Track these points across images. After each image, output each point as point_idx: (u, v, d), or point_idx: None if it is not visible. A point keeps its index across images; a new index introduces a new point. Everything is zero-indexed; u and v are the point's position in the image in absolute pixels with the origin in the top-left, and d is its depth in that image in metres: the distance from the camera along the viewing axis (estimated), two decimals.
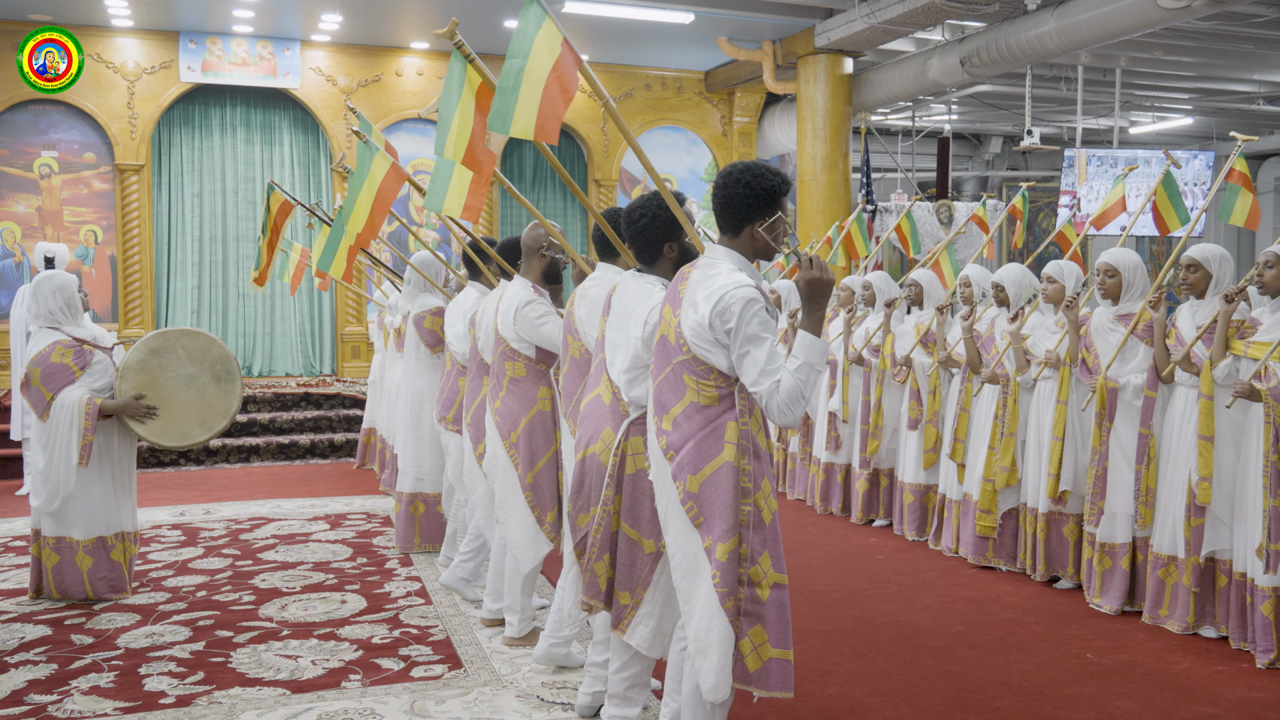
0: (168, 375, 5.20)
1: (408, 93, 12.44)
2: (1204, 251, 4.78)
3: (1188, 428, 4.69)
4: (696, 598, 2.92)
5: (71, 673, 4.21)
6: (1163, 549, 4.78)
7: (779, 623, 2.91)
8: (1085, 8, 9.10)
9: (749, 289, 2.84)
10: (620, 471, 3.26)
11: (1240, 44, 11.48)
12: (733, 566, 2.87)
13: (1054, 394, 5.39)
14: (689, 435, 2.93)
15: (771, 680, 2.89)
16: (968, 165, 18.12)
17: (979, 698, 3.97)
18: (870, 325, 7.00)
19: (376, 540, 6.50)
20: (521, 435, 4.31)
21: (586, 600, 3.32)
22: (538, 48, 3.21)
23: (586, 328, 3.82)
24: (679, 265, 3.37)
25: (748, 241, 2.97)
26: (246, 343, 12.40)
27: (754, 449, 2.93)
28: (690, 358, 2.93)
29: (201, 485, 8.58)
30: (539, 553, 4.31)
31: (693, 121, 13.80)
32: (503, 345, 4.40)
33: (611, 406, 3.42)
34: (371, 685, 4.07)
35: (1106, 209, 6.23)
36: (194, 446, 5.31)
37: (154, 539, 6.57)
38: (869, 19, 9.97)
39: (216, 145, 12.27)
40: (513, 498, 4.33)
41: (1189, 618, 4.64)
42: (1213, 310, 4.63)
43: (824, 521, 7.05)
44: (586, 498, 3.47)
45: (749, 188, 2.91)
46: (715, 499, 2.89)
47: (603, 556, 3.27)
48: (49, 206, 11.51)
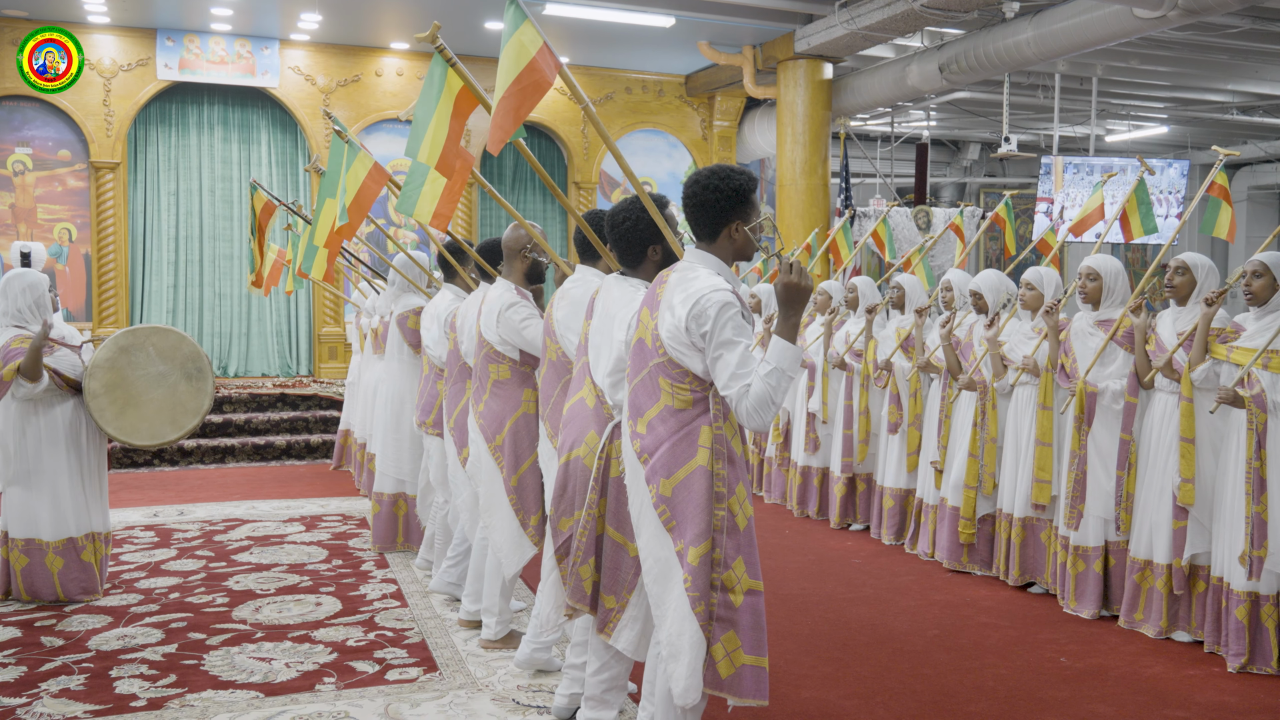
0: (138, 374, 5.15)
1: (387, 93, 12.40)
2: (1195, 258, 4.81)
3: (1167, 432, 4.72)
4: (668, 602, 2.93)
5: (41, 675, 4.16)
6: (1139, 553, 4.81)
7: (753, 629, 2.90)
8: (1062, 17, 9.18)
9: (725, 293, 2.84)
10: (605, 475, 3.26)
11: (1215, 54, 11.60)
12: (705, 571, 2.87)
13: (1033, 400, 5.42)
14: (663, 439, 2.93)
15: (744, 687, 2.88)
16: (946, 171, 18.23)
17: (954, 701, 3.98)
18: (851, 329, 7.01)
19: (353, 542, 6.47)
20: (506, 438, 4.28)
21: (571, 604, 3.31)
22: (505, 55, 3.20)
23: (564, 330, 3.81)
24: (662, 269, 3.38)
25: (726, 244, 2.98)
26: (222, 343, 12.31)
27: (728, 454, 2.93)
28: (666, 360, 2.93)
29: (175, 486, 8.51)
30: (523, 557, 4.27)
31: (673, 125, 13.83)
32: (486, 348, 4.37)
33: (595, 410, 3.41)
34: (346, 688, 4.05)
35: (1085, 216, 6.29)
36: (166, 445, 5.23)
37: (127, 540, 6.50)
38: (849, 25, 10.01)
39: (194, 144, 12.18)
40: (497, 501, 4.30)
41: (1163, 622, 4.69)
42: (1194, 318, 4.65)
43: (801, 525, 7.06)
44: (570, 502, 3.46)
45: (719, 190, 2.92)
46: (688, 503, 2.89)
47: (588, 560, 3.26)
48: (22, 204, 11.40)
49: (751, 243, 2.98)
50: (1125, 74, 12.61)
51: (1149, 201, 5.90)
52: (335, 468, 9.16)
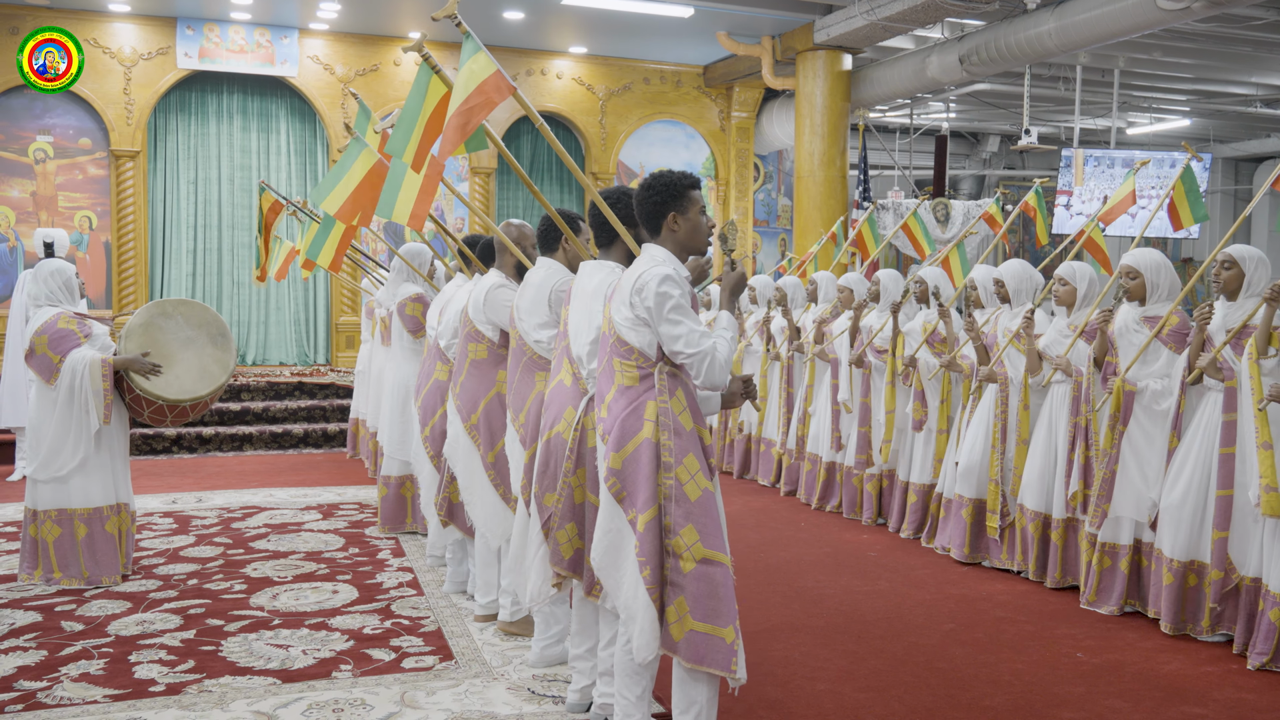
0: (168, 337, 5.46)
1: (406, 82, 12.40)
2: (1243, 251, 4.63)
3: (1211, 431, 4.55)
4: (625, 569, 3.12)
5: (61, 659, 4.21)
6: (1176, 555, 4.63)
7: (707, 598, 3.04)
8: (1085, 8, 9.10)
9: (664, 269, 3.10)
10: (581, 445, 3.46)
11: (1238, 46, 11.49)
12: (651, 536, 3.05)
13: (1066, 398, 5.30)
14: (616, 416, 3.14)
15: (698, 653, 3.03)
16: (965, 164, 18.13)
17: (968, 695, 3.98)
18: (874, 322, 6.91)
19: (369, 530, 6.50)
20: (481, 417, 4.46)
21: (556, 570, 3.48)
22: (459, 80, 3.52)
23: (523, 315, 4.02)
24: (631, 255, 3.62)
25: (669, 236, 3.24)
26: (241, 331, 12.37)
27: (674, 426, 3.11)
28: (615, 339, 3.17)
29: (194, 473, 8.56)
30: (506, 527, 4.39)
31: (691, 116, 13.79)
32: (469, 327, 4.56)
33: (573, 388, 3.59)
34: (362, 675, 4.07)
35: (1115, 204, 6.11)
36: (196, 401, 5.47)
37: (146, 526, 6.55)
38: (869, 15, 9.96)
39: (213, 132, 12.23)
40: (476, 478, 4.47)
41: (1204, 621, 4.55)
42: (1244, 313, 4.50)
43: (817, 518, 7.05)
44: (553, 478, 3.59)
45: (653, 189, 3.21)
46: (636, 473, 3.09)
47: (564, 525, 3.44)
48: (44, 191, 11.47)
49: (698, 233, 3.25)
50: (1147, 66, 12.49)
51: (1197, 189, 5.67)
52: (351, 456, 9.22)
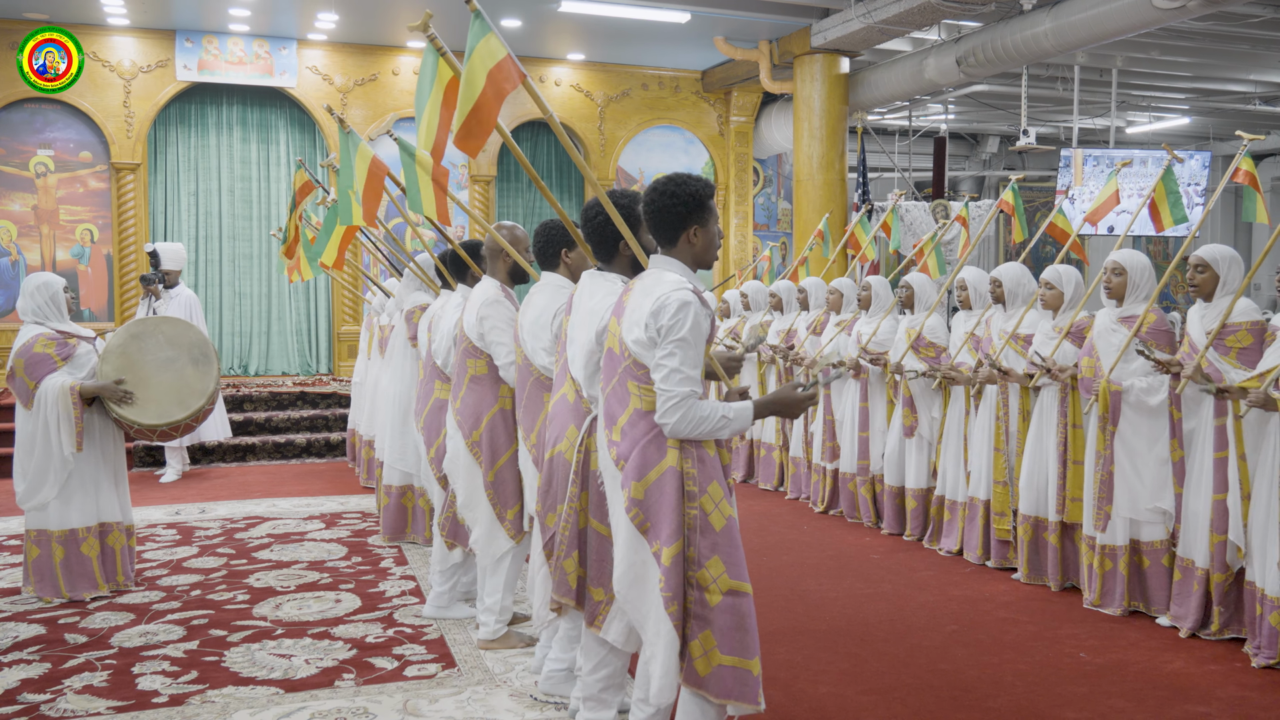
0: (147, 358, 5.36)
1: (405, 92, 12.43)
2: (1213, 252, 4.65)
3: (1207, 436, 4.55)
4: (648, 604, 2.95)
5: (64, 672, 4.21)
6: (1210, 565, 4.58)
7: (734, 630, 2.90)
8: (1081, 8, 9.11)
9: (687, 292, 2.90)
10: (585, 468, 3.30)
11: (1236, 44, 11.49)
12: (677, 570, 2.88)
13: (1055, 403, 5.31)
14: (635, 442, 2.96)
15: (726, 688, 2.88)
16: (964, 165, 18.13)
17: (972, 697, 3.97)
18: (864, 330, 6.90)
19: (371, 539, 6.50)
20: (484, 433, 4.34)
21: (556, 599, 3.34)
22: (472, 64, 3.22)
23: (526, 335, 3.92)
24: (637, 264, 3.43)
25: (686, 249, 3.04)
26: (243, 342, 12.39)
27: (698, 454, 2.94)
28: (631, 363, 2.97)
29: (197, 484, 8.58)
30: (496, 550, 4.35)
31: (689, 121, 13.80)
32: (465, 343, 4.43)
33: (575, 405, 3.45)
34: (365, 684, 4.07)
35: (1100, 204, 6.16)
36: (173, 425, 5.36)
37: (149, 538, 6.56)
38: (865, 19, 9.97)
39: (213, 144, 12.25)
40: (478, 497, 4.37)
41: (1213, 625, 4.54)
42: (1220, 312, 4.52)
43: (820, 522, 7.05)
44: (554, 497, 3.50)
45: (676, 196, 2.98)
46: (660, 504, 2.91)
47: (571, 554, 3.29)
48: (45, 205, 11.50)
49: (712, 247, 3.06)
50: (1145, 65, 12.49)
51: (1178, 191, 5.68)
52: (353, 465, 9.22)
